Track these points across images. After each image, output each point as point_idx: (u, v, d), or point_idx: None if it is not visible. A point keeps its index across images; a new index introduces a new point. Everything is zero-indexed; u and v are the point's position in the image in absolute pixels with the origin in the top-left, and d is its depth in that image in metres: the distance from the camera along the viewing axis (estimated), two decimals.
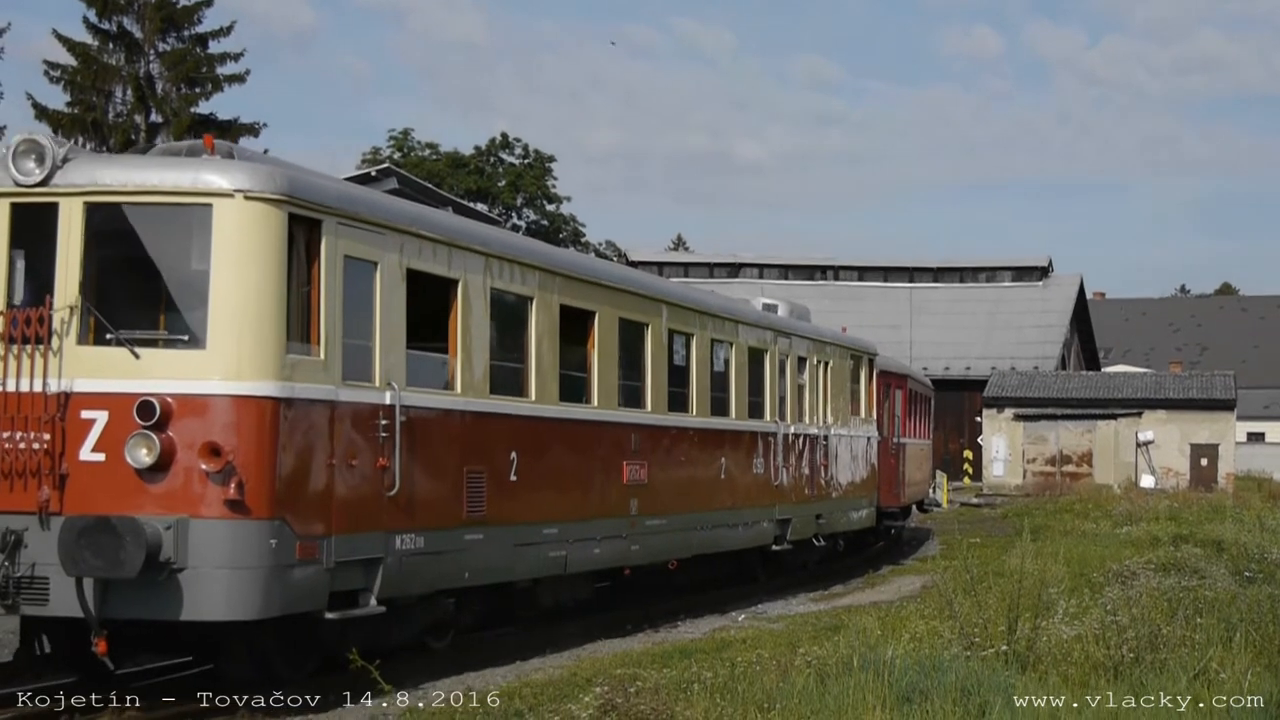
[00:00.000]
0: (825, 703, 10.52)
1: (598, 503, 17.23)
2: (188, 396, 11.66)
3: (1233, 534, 24.89)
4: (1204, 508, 37.36)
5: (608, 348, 17.62)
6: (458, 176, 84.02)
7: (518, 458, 15.33)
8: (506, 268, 15.43)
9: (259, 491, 11.67)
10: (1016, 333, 79.14)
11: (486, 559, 14.81)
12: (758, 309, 24.34)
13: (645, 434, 18.53)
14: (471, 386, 14.64)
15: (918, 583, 24.09)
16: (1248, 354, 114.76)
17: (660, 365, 19.12)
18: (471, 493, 14.52)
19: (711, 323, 21.04)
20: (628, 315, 18.28)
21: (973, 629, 12.91)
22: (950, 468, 66.22)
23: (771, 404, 23.19)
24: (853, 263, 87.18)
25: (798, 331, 25.09)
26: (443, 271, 14.31)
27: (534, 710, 11.32)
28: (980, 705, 10.47)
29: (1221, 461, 61.65)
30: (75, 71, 53.52)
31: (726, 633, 17.74)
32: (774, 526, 23.30)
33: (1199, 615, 13.92)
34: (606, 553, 17.53)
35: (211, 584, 11.51)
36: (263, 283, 11.91)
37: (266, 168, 12.32)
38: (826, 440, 25.93)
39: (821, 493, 25.56)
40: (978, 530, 36.62)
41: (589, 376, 17.33)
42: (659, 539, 18.93)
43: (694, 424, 20.24)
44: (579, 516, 16.74)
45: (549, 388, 16.14)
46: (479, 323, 14.82)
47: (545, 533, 15.94)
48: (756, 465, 22.45)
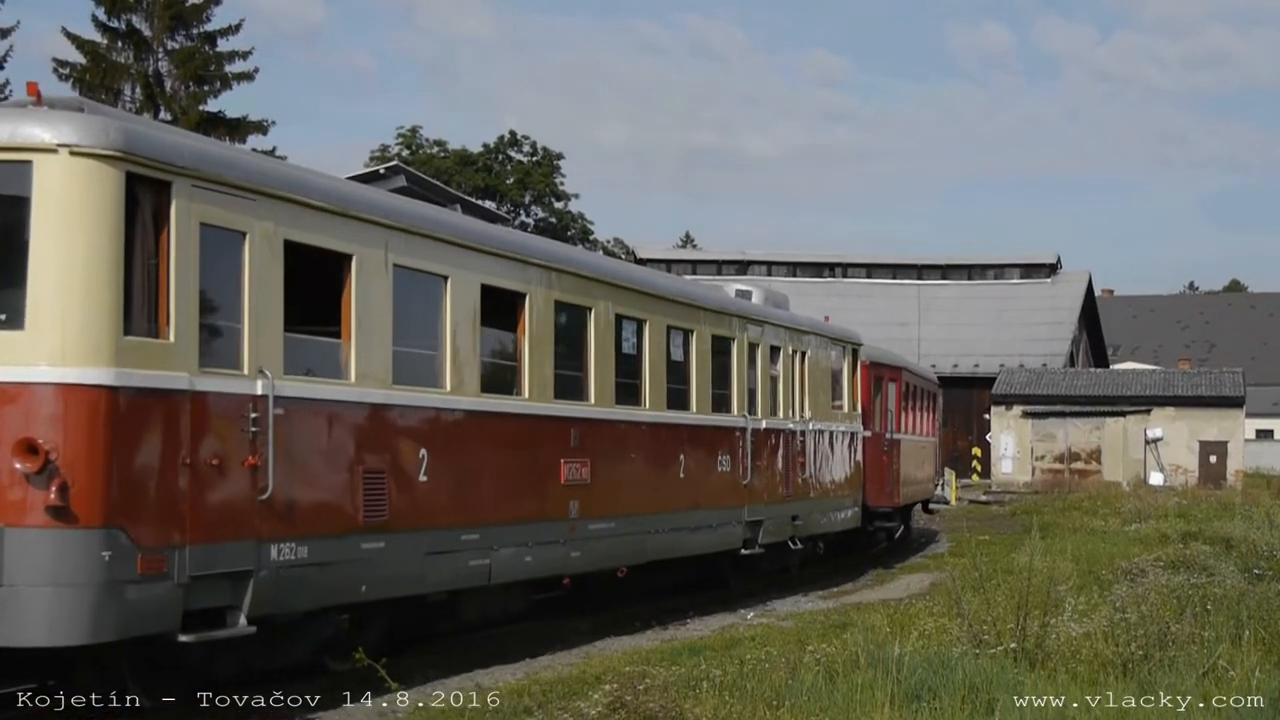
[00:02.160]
0: (834, 700, 10.54)
1: (530, 505, 15.57)
2: (2, 385, 10.16)
3: (1241, 531, 24.87)
4: (1213, 505, 37.40)
5: (541, 334, 15.91)
6: (466, 174, 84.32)
7: (429, 456, 13.67)
8: (414, 242, 13.68)
9: (88, 496, 10.07)
10: (1025, 330, 79.08)
11: (390, 570, 13.14)
12: (729, 295, 22.65)
13: (587, 429, 16.81)
14: (370, 376, 12.97)
15: (926, 580, 24.09)
16: (1256, 351, 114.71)
17: (606, 354, 17.36)
18: (370, 495, 12.83)
19: (667, 308, 19.17)
20: (566, 298, 16.51)
21: (981, 627, 12.90)
22: (959, 465, 66.24)
23: (740, 397, 21.44)
24: (861, 260, 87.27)
25: (770, 319, 23.18)
26: (333, 245, 12.59)
27: (543, 707, 11.32)
28: (988, 703, 10.48)
29: (1230, 458, 61.62)
30: (84, 70, 53.54)
31: (735, 630, 17.77)
32: (743, 529, 21.49)
33: (1208, 613, 13.90)
34: (541, 560, 15.86)
35: (31, 604, 9.99)
36: (93, 253, 10.25)
37: (100, 119, 10.62)
38: (804, 436, 24.05)
39: (798, 492, 23.66)
40: (986, 528, 36.76)
41: (519, 365, 15.65)
42: (604, 544, 17.20)
43: (647, 418, 18.47)
44: (506, 520, 15.07)
45: (468, 377, 14.52)
46: (379, 304, 13.12)
47: (464, 539, 14.30)
48: (722, 463, 20.70)
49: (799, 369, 24.14)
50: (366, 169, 18.26)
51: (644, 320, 18.46)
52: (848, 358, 27.01)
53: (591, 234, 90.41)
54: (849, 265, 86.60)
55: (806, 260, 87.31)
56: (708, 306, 20.66)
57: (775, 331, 23.21)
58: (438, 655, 15.04)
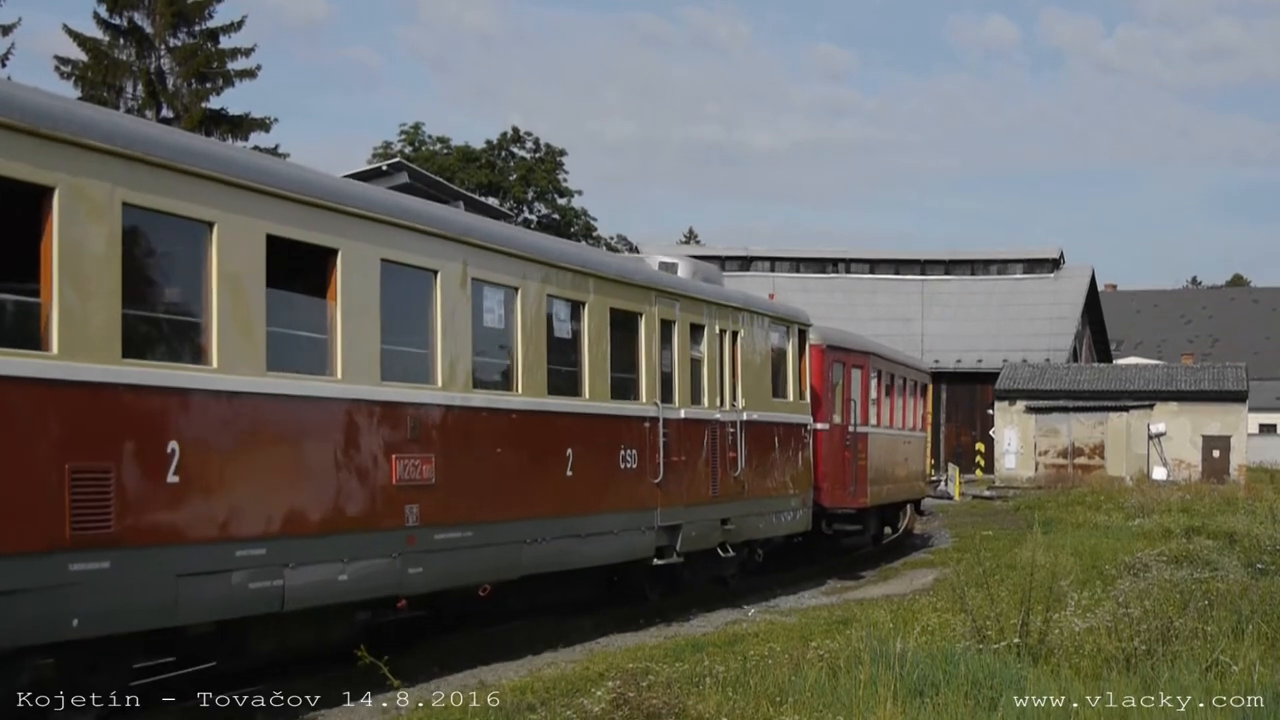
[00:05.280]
0: (837, 695, 10.52)
1: (345, 510, 12.64)
2: None
3: (1245, 526, 24.90)
4: (1216, 500, 37.39)
5: (360, 300, 13.00)
6: (469, 171, 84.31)
7: (181, 450, 10.84)
8: (140, 174, 10.70)
9: None
10: (1028, 324, 79.07)
11: (118, 597, 10.29)
12: (649, 266, 19.99)
13: (432, 417, 13.97)
14: (83, 347, 10.12)
15: (930, 576, 24.06)
16: (1260, 345, 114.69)
17: (459, 328, 14.51)
18: (83, 502, 10.01)
19: (547, 273, 16.21)
20: (398, 257, 13.60)
21: (984, 622, 12.86)
22: (962, 460, 66.24)
23: (650, 382, 18.47)
24: (864, 255, 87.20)
25: (691, 293, 20.03)
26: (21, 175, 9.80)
27: (546, 704, 11.27)
28: (991, 698, 10.48)
29: (1233, 453, 61.51)
30: (86, 67, 53.48)
31: (739, 626, 17.70)
32: (655, 535, 18.49)
33: (1211, 607, 13.91)
34: (362, 579, 12.81)
35: None
36: None
37: None
38: (736, 427, 20.97)
39: (729, 492, 20.66)
40: (990, 523, 36.75)
41: (329, 338, 12.77)
42: (457, 557, 14.23)
43: (519, 405, 15.49)
44: (308, 531, 12.14)
45: (244, 352, 11.55)
46: (91, 255, 10.22)
47: (241, 555, 11.37)
48: (626, 459, 17.70)
49: (730, 351, 21.16)
50: (369, 165, 18.15)
51: (514, 288, 15.59)
52: (793, 339, 23.91)
53: (595, 230, 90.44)
54: (852, 260, 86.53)
55: (810, 256, 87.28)
56: (604, 274, 17.64)
57: (697, 306, 20.13)
58: (441, 653, 15.05)
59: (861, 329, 39.79)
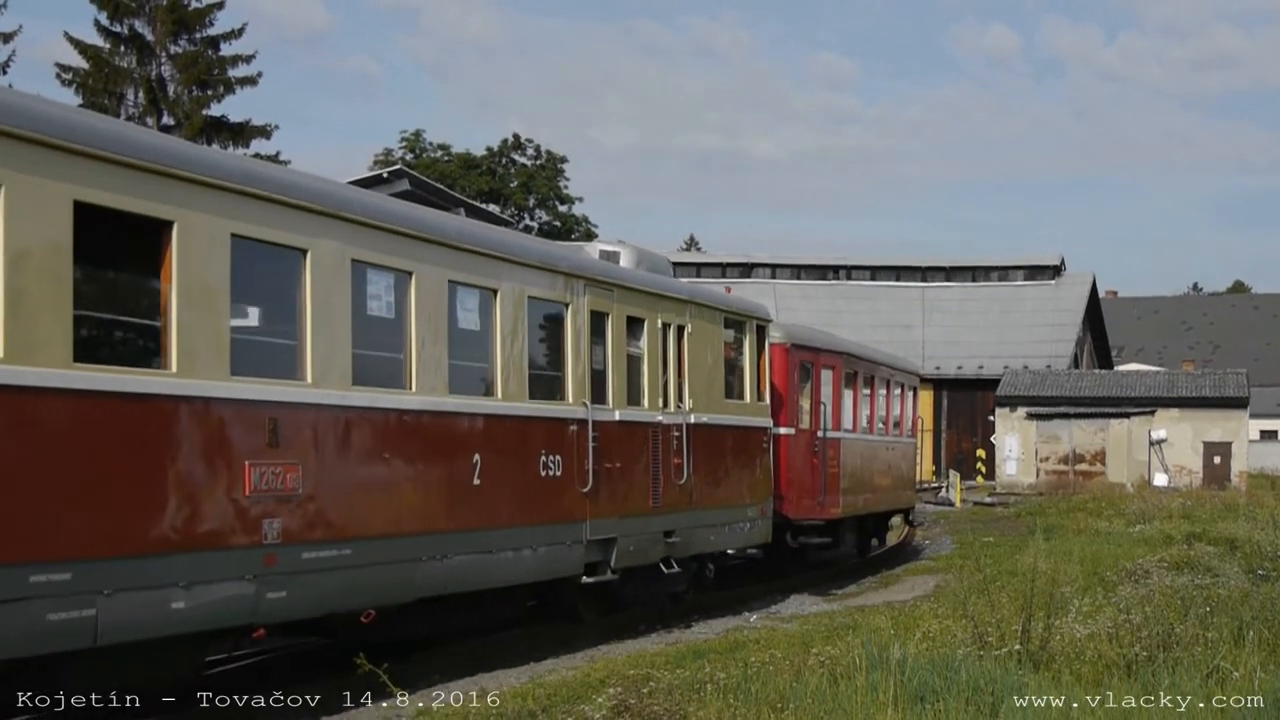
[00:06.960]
0: (838, 702, 10.52)
1: (181, 526, 10.81)
2: None
3: (1246, 532, 24.84)
4: (1217, 506, 37.33)
5: (203, 281, 11.18)
6: (470, 178, 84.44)
7: None
8: None
9: None
10: (1029, 331, 79.07)
11: None
12: (590, 255, 18.24)
13: (299, 418, 12.12)
14: None
15: (931, 582, 24.05)
16: (1260, 352, 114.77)
17: (335, 316, 12.65)
18: None
19: (447, 256, 14.34)
20: (253, 233, 11.71)
21: (986, 628, 12.87)
22: (963, 467, 66.23)
23: (577, 380, 16.63)
24: (865, 262, 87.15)
25: (629, 282, 18.06)
26: None
27: (547, 711, 11.28)
28: (992, 704, 10.48)
29: (1234, 459, 61.53)
30: (87, 74, 53.59)
31: (740, 633, 17.70)
32: (585, 550, 16.69)
33: (1212, 614, 13.90)
34: (205, 605, 10.96)
35: None
36: None
37: None
38: (680, 431, 19.08)
39: (673, 502, 18.80)
40: (991, 529, 36.71)
41: (163, 324, 10.96)
42: (330, 579, 12.35)
43: (411, 404, 13.67)
44: (130, 551, 10.33)
45: (40, 338, 9.73)
46: None
47: (36, 581, 9.52)
48: (548, 466, 15.90)
49: (675, 348, 19.28)
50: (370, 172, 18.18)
51: (408, 273, 13.77)
52: (750, 336, 21.80)
53: (596, 238, 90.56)
54: (853, 267, 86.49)
55: (811, 263, 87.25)
56: (521, 259, 15.79)
57: (635, 297, 18.18)
58: (442, 659, 15.05)
59: (863, 336, 39.77)
